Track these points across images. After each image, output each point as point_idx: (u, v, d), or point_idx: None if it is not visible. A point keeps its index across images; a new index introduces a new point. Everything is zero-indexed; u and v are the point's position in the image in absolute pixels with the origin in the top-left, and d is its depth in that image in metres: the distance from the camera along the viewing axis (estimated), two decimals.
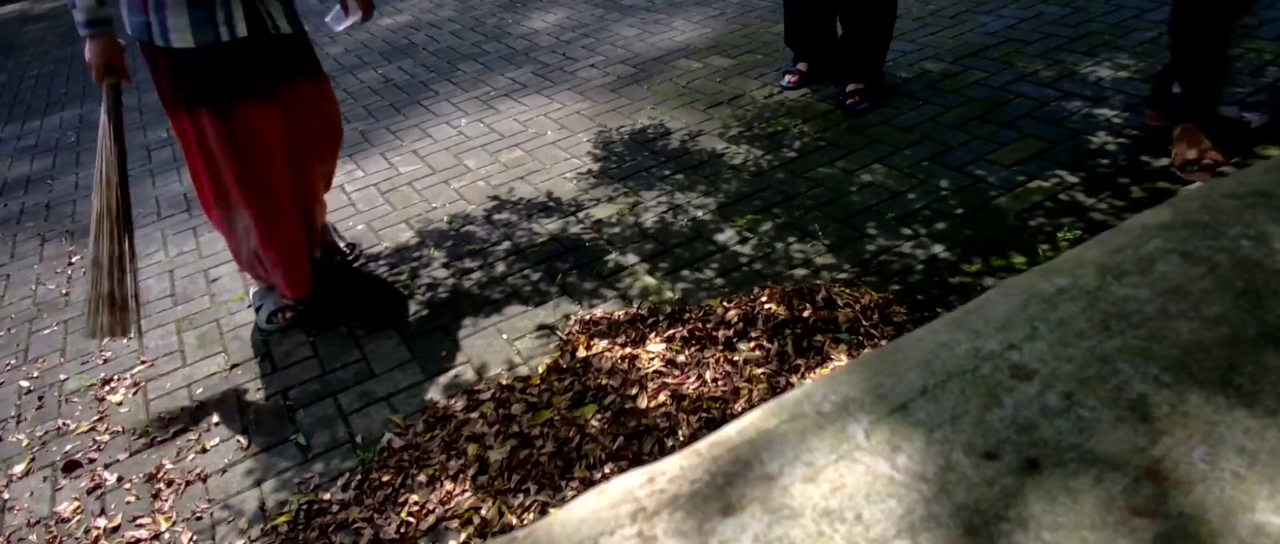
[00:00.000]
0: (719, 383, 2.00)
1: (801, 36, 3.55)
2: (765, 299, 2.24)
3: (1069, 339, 0.74)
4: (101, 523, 1.98)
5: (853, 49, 3.32)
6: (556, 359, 2.21)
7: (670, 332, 2.20)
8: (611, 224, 2.85)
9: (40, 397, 2.49)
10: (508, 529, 1.75)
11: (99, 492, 2.09)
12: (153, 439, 2.23)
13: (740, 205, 2.82)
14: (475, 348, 2.36)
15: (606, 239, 2.77)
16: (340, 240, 2.89)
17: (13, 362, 2.69)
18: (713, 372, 2.03)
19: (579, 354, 2.20)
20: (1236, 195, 0.90)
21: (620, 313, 2.35)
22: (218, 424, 2.25)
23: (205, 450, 2.16)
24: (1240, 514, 0.57)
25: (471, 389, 2.18)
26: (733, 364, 2.05)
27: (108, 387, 2.46)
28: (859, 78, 3.33)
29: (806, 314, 2.15)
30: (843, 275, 2.37)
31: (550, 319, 2.41)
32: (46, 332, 2.82)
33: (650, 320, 2.28)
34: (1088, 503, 0.60)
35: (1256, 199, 0.89)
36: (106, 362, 2.60)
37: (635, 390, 2.02)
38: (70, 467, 2.18)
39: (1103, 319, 0.76)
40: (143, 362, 2.56)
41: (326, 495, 1.95)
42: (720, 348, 2.11)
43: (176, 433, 2.24)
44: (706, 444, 0.70)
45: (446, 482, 1.90)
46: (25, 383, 2.57)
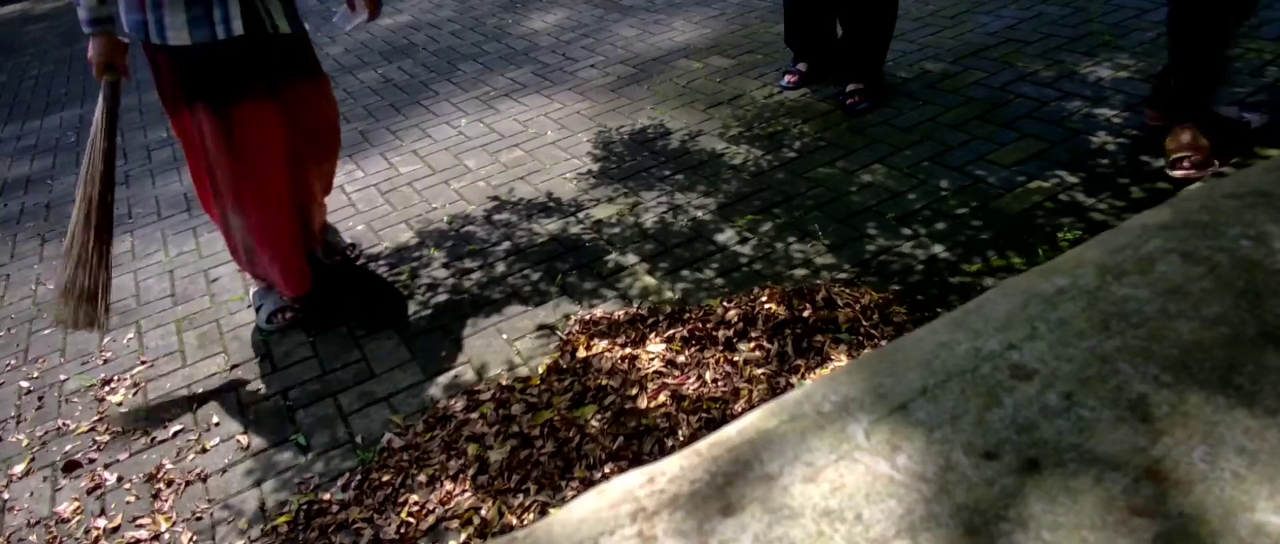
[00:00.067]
0: (719, 383, 2.00)
1: (801, 36, 3.55)
2: (765, 299, 2.24)
3: (1069, 339, 0.74)
4: (101, 523, 1.98)
5: (853, 49, 3.32)
6: (556, 359, 2.21)
7: (670, 332, 2.20)
8: (611, 224, 2.85)
9: (40, 397, 2.49)
10: (508, 529, 1.75)
11: (99, 492, 2.09)
12: (153, 439, 2.23)
13: (740, 205, 2.82)
14: (475, 348, 2.36)
15: (606, 239, 2.77)
16: (340, 240, 2.89)
17: (13, 362, 2.69)
18: (713, 372, 2.03)
19: (579, 354, 2.20)
20: (1236, 195, 0.90)
21: (620, 313, 2.35)
22: (218, 424, 2.25)
23: (205, 450, 2.16)
24: (1240, 514, 0.57)
25: (471, 389, 2.18)
26: (733, 364, 2.05)
27: (108, 387, 2.46)
28: (859, 78, 3.33)
29: (806, 314, 2.16)
30: (843, 275, 2.37)
31: (550, 319, 2.41)
32: (46, 332, 2.82)
33: (650, 320, 2.28)
34: (1088, 503, 0.60)
35: (1256, 199, 0.89)
36: (106, 362, 2.60)
37: (635, 390, 2.02)
38: (70, 467, 2.18)
39: (1103, 319, 0.76)
40: (143, 362, 2.56)
41: (326, 495, 1.95)
42: (720, 348, 2.11)
43: (176, 433, 2.24)
44: (706, 444, 0.70)
45: (446, 482, 1.90)
46: (25, 383, 2.57)
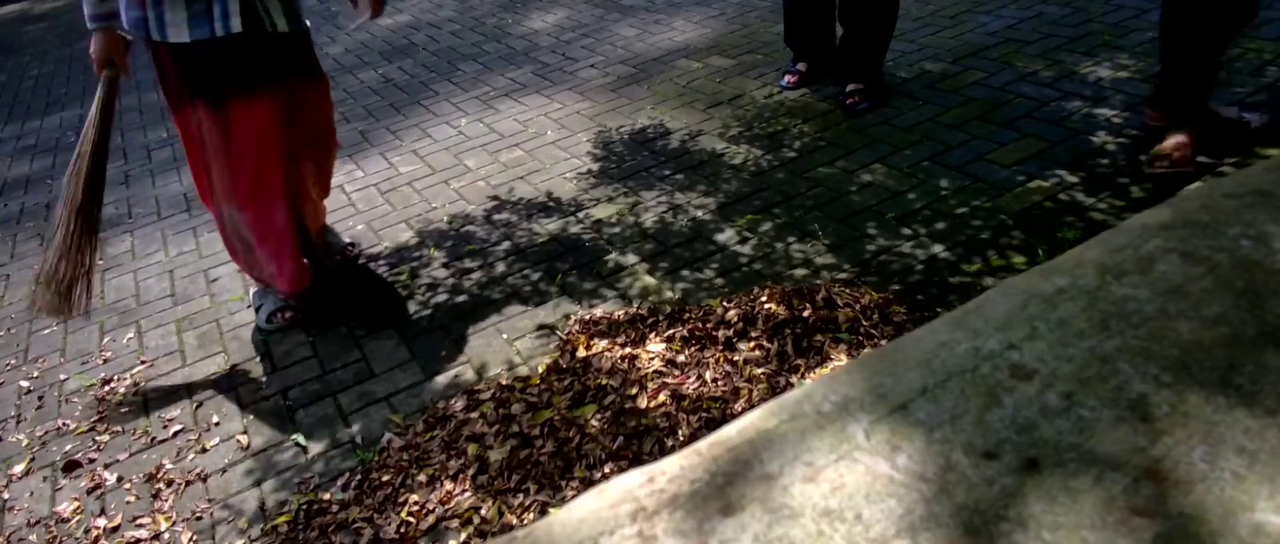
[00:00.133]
0: (719, 383, 2.00)
1: (801, 36, 3.55)
2: (765, 299, 2.24)
3: (1069, 339, 0.74)
4: (101, 523, 1.98)
5: (853, 49, 3.32)
6: (556, 359, 2.21)
7: (670, 331, 2.20)
8: (611, 224, 2.85)
9: (40, 397, 2.49)
10: (508, 529, 1.75)
11: (99, 492, 2.09)
12: (153, 439, 2.23)
13: (740, 205, 2.82)
14: (475, 348, 2.36)
15: (606, 239, 2.77)
16: (339, 240, 2.89)
17: (13, 362, 2.69)
18: (713, 372, 2.03)
19: (579, 354, 2.20)
20: (1236, 195, 0.90)
21: (620, 313, 2.35)
22: (218, 424, 2.25)
23: (205, 450, 2.16)
24: (1240, 514, 0.57)
25: (471, 389, 2.18)
26: (733, 364, 2.05)
27: (108, 387, 2.47)
28: (859, 78, 3.33)
29: (806, 314, 2.15)
30: (843, 275, 2.37)
31: (550, 319, 2.41)
32: (46, 332, 2.82)
33: (650, 320, 2.28)
34: (1088, 503, 0.60)
35: (1256, 199, 0.89)
36: (106, 362, 2.60)
37: (635, 390, 2.02)
38: (70, 467, 2.18)
39: (1103, 319, 0.76)
40: (143, 362, 2.56)
41: (326, 495, 1.95)
42: (720, 348, 2.11)
43: (176, 433, 2.24)
44: (706, 444, 0.70)
45: (446, 482, 1.90)
46: (25, 383, 2.57)
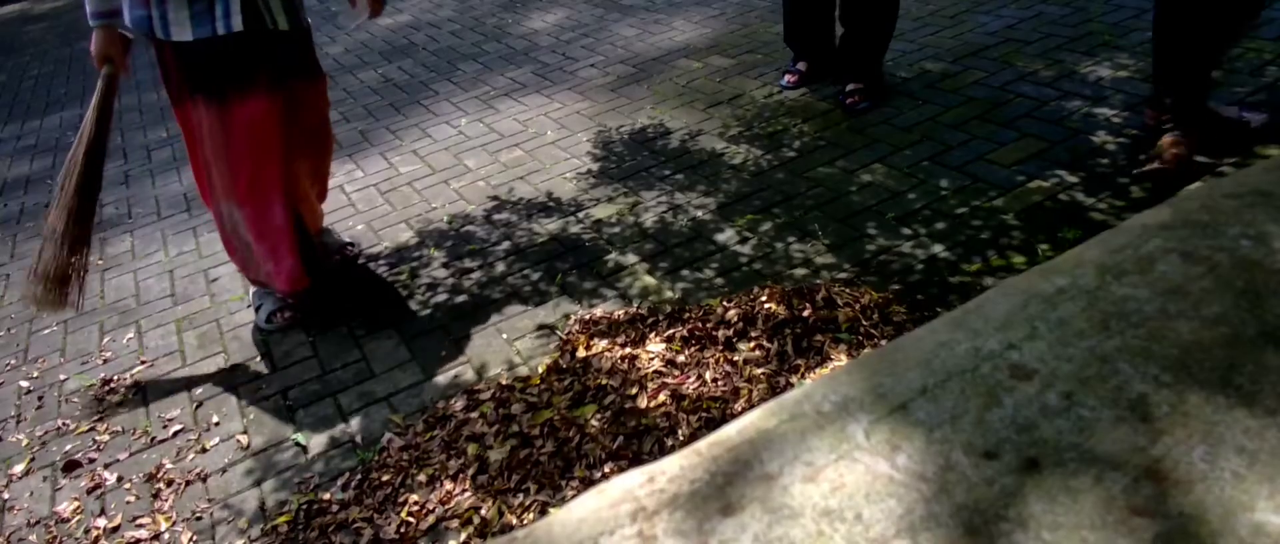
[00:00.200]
0: (719, 383, 2.00)
1: (801, 36, 3.55)
2: (765, 299, 2.24)
3: (1069, 339, 0.74)
4: (101, 523, 1.98)
5: (852, 48, 3.32)
6: (556, 359, 2.21)
7: (670, 331, 2.20)
8: (611, 224, 2.85)
9: (40, 397, 2.49)
10: (508, 529, 1.75)
11: (99, 492, 2.09)
12: (153, 439, 2.23)
13: (740, 205, 2.82)
14: (475, 348, 2.36)
15: (606, 239, 2.77)
16: (337, 240, 2.89)
17: (13, 362, 2.69)
18: (713, 371, 2.03)
19: (579, 354, 2.20)
20: (1236, 195, 0.90)
21: (620, 313, 2.35)
22: (218, 424, 2.25)
23: (205, 450, 2.16)
24: (1240, 514, 0.57)
25: (471, 389, 2.18)
26: (733, 364, 2.05)
27: (108, 387, 2.46)
28: (859, 77, 3.33)
29: (806, 314, 2.15)
30: (843, 275, 2.37)
31: (550, 319, 2.41)
32: (46, 332, 2.82)
33: (650, 320, 2.28)
34: (1088, 503, 0.60)
35: (1256, 199, 0.89)
36: (106, 362, 2.60)
37: (635, 390, 2.02)
38: (70, 467, 2.18)
39: (1103, 319, 0.76)
40: (143, 362, 2.56)
41: (326, 495, 1.95)
42: (720, 348, 2.11)
43: (176, 433, 2.24)
44: (706, 444, 0.70)
45: (446, 481, 1.90)
46: (25, 383, 2.57)
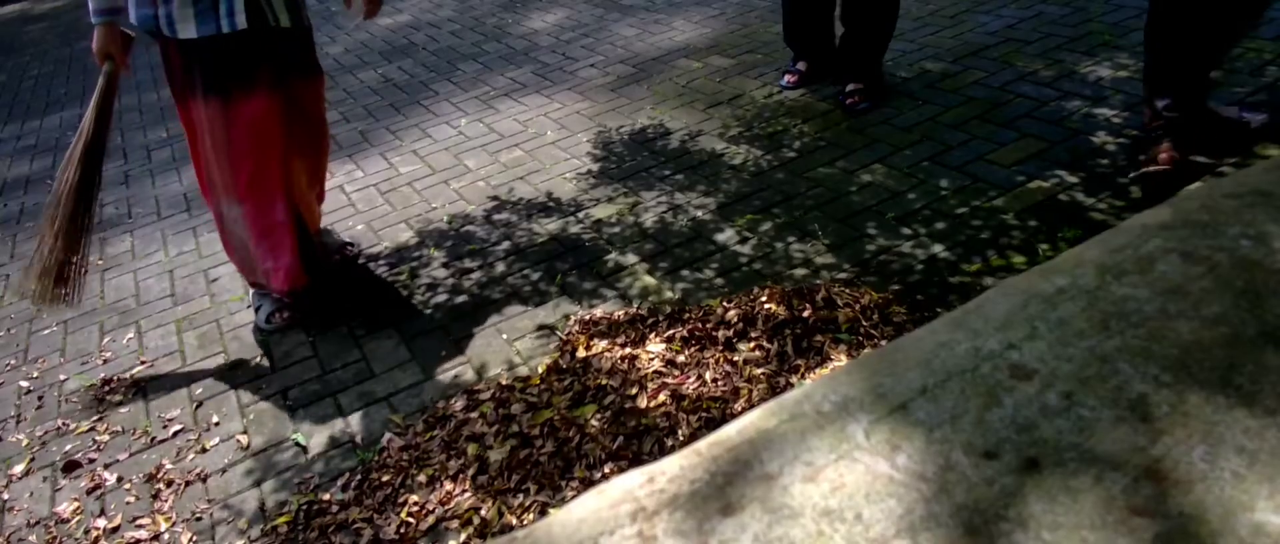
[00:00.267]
0: (719, 383, 2.00)
1: (800, 35, 3.55)
2: (765, 299, 2.24)
3: (1069, 339, 0.74)
4: (101, 523, 1.98)
5: (852, 48, 3.32)
6: (556, 359, 2.21)
7: (670, 332, 2.20)
8: (611, 224, 2.85)
9: (40, 397, 2.49)
10: (508, 529, 1.75)
11: (99, 492, 2.09)
12: (153, 439, 2.23)
13: (740, 205, 2.82)
14: (475, 348, 2.36)
15: (606, 239, 2.77)
16: (336, 239, 2.89)
17: (13, 362, 2.69)
18: (712, 372, 2.03)
19: (579, 354, 2.20)
20: (1236, 195, 0.90)
21: (620, 313, 2.35)
22: (218, 424, 2.25)
23: (205, 450, 2.16)
24: (1240, 514, 0.57)
25: (471, 389, 2.18)
26: (733, 364, 2.05)
27: (108, 387, 2.46)
28: (858, 77, 3.33)
29: (806, 314, 2.15)
30: (843, 275, 2.37)
31: (550, 319, 2.41)
32: (46, 332, 2.82)
33: (650, 320, 2.28)
34: (1088, 502, 0.60)
35: (1256, 199, 0.89)
36: (106, 362, 2.60)
37: (635, 390, 2.02)
38: (70, 467, 2.18)
39: (1103, 319, 0.76)
40: (143, 362, 2.56)
41: (326, 495, 1.95)
42: (720, 348, 2.11)
43: (176, 433, 2.24)
44: (706, 444, 0.70)
45: (446, 482, 1.90)
46: (25, 383, 2.57)
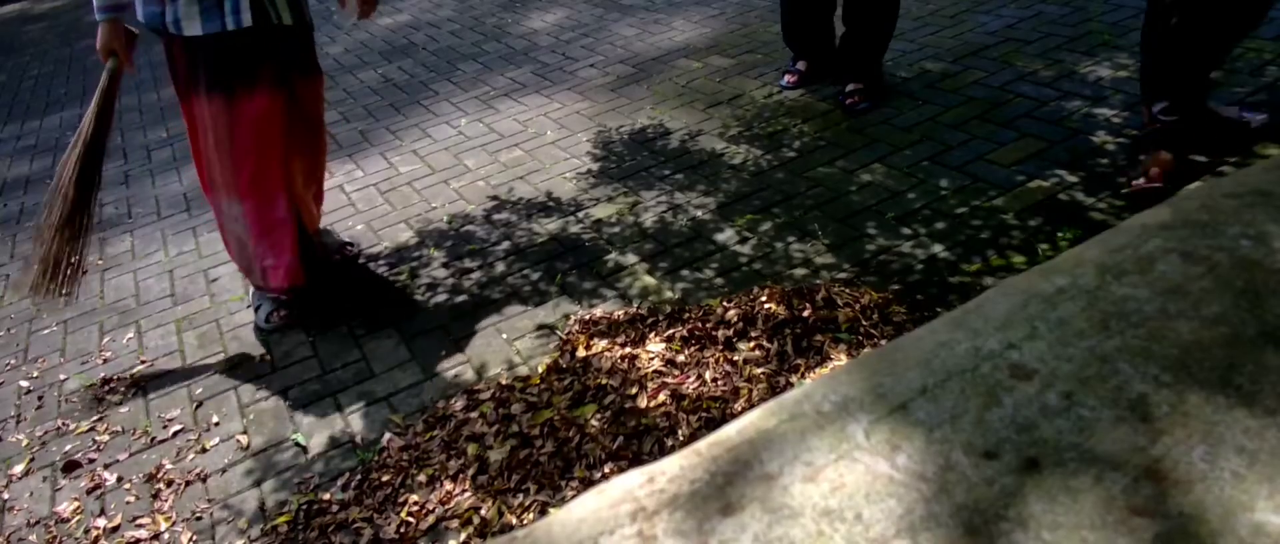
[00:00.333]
0: (719, 383, 2.00)
1: (799, 35, 3.54)
2: (765, 299, 2.24)
3: (1069, 339, 0.74)
4: (101, 523, 1.98)
5: (853, 48, 3.32)
6: (556, 359, 2.21)
7: (670, 331, 2.20)
8: (611, 224, 2.85)
9: (40, 397, 2.49)
10: (508, 529, 1.75)
11: (99, 492, 2.09)
12: (153, 439, 2.23)
13: (740, 205, 2.82)
14: (475, 348, 2.36)
15: (606, 239, 2.77)
16: (335, 239, 2.89)
17: (13, 362, 2.69)
18: (712, 371, 2.03)
19: (579, 354, 2.19)
20: (1236, 195, 0.90)
21: (620, 313, 2.35)
22: (218, 424, 2.25)
23: (205, 450, 2.16)
24: (1240, 514, 0.57)
25: (471, 389, 2.18)
26: (732, 364, 2.05)
27: (108, 387, 2.46)
28: (858, 77, 3.33)
29: (806, 314, 2.15)
30: (842, 275, 2.37)
31: (550, 319, 2.41)
32: (46, 332, 2.82)
33: (650, 320, 2.28)
34: (1088, 502, 0.60)
35: (1256, 199, 0.89)
36: (106, 362, 2.60)
37: (635, 390, 2.02)
38: (70, 467, 2.18)
39: (1102, 319, 0.76)
40: (143, 362, 2.56)
41: (326, 495, 1.95)
42: (720, 348, 2.11)
43: (176, 433, 2.24)
44: (706, 444, 0.70)
45: (446, 482, 1.90)
46: (25, 383, 2.57)
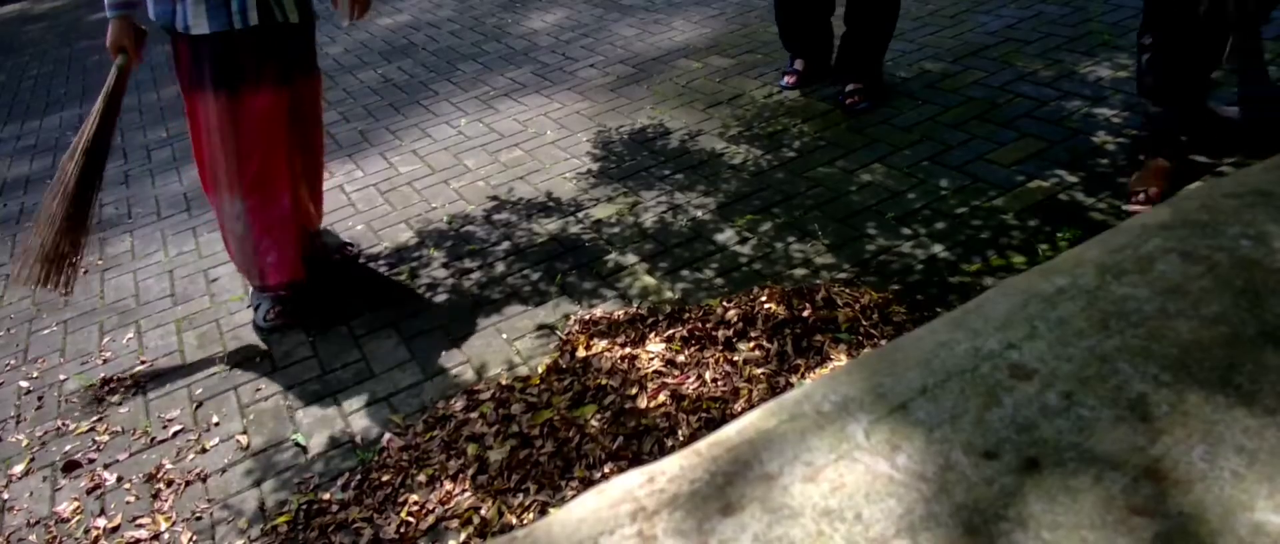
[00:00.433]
0: (719, 383, 2.00)
1: (795, 35, 3.54)
2: (765, 299, 2.24)
3: (1069, 338, 0.74)
4: (101, 523, 1.98)
5: (852, 48, 3.32)
6: (556, 359, 2.21)
7: (670, 331, 2.20)
8: (611, 224, 2.85)
9: (40, 397, 2.49)
10: (508, 529, 1.75)
11: (99, 492, 2.09)
12: (153, 439, 2.23)
13: (740, 205, 2.82)
14: (475, 348, 2.36)
15: (606, 239, 2.77)
16: (335, 239, 2.89)
17: (13, 362, 2.69)
18: (712, 372, 2.03)
19: (579, 354, 2.19)
20: (1236, 195, 0.90)
21: (620, 313, 2.35)
22: (218, 424, 2.25)
23: (205, 450, 2.16)
24: (1240, 513, 0.57)
25: (471, 389, 2.18)
26: (732, 364, 2.05)
27: (108, 387, 2.46)
28: (858, 77, 3.33)
29: (806, 314, 2.15)
30: (842, 275, 2.37)
31: (550, 319, 2.41)
32: (46, 332, 2.82)
33: (650, 320, 2.28)
34: (1087, 502, 0.60)
35: (1256, 198, 0.89)
36: (106, 362, 2.60)
37: (635, 390, 2.02)
38: (70, 467, 2.18)
39: (1102, 318, 0.76)
40: (143, 362, 2.56)
41: (326, 495, 1.95)
42: (720, 348, 2.11)
43: (176, 433, 2.24)
44: (706, 444, 0.70)
45: (446, 482, 1.90)
46: (25, 383, 2.56)
